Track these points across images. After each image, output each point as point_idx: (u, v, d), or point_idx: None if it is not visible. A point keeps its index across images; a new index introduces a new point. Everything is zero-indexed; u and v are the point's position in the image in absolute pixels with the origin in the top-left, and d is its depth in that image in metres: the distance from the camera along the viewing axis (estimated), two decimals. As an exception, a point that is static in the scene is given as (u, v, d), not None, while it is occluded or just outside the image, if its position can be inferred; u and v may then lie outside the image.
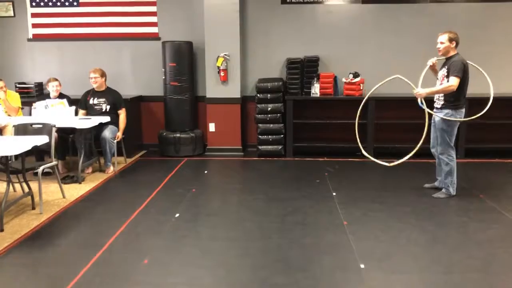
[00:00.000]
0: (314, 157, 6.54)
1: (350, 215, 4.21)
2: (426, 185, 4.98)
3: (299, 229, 3.91)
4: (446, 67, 4.54)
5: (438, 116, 4.59)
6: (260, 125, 6.59)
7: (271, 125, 6.57)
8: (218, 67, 6.59)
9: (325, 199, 4.70)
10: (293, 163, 6.34)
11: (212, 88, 6.72)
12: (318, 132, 6.90)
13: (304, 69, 6.58)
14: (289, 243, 3.62)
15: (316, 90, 6.53)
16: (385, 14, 6.72)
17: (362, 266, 3.21)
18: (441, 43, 4.57)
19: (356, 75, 6.38)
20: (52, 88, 5.91)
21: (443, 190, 4.72)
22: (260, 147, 6.63)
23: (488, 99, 4.64)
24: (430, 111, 4.59)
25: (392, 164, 4.66)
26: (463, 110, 4.60)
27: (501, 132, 6.74)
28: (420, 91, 4.48)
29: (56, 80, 5.99)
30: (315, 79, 6.53)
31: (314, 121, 6.65)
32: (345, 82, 6.43)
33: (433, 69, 4.76)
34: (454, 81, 4.39)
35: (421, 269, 3.21)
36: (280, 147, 6.60)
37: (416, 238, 3.73)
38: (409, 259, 3.36)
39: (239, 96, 6.74)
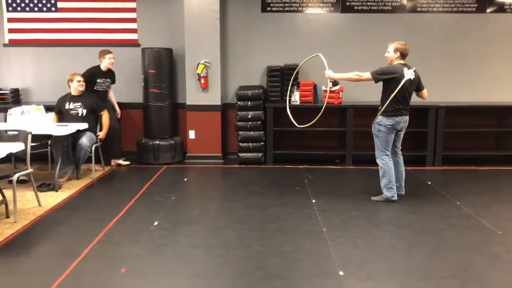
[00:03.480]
0: (294, 164, 6.56)
1: (329, 222, 4.22)
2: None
3: (279, 236, 3.91)
4: None
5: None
6: (241, 132, 6.58)
7: (252, 132, 6.57)
8: (199, 74, 6.57)
9: (305, 206, 4.72)
10: (274, 171, 6.35)
11: (192, 95, 6.70)
12: (298, 140, 6.93)
13: (285, 77, 6.60)
14: (269, 250, 3.61)
15: (296, 97, 6.56)
16: (363, 23, 6.83)
17: (341, 273, 3.22)
18: (387, 51, 4.75)
19: (335, 83, 6.43)
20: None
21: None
22: (240, 154, 6.63)
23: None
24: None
25: (301, 126, 5.10)
26: (397, 119, 4.69)
27: (477, 140, 6.89)
28: (329, 73, 4.80)
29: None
30: (295, 87, 6.57)
31: (294, 129, 6.64)
32: (324, 90, 6.48)
33: None
34: (363, 73, 4.68)
35: (399, 276, 3.24)
36: (260, 154, 6.60)
37: (394, 245, 3.77)
38: (387, 266, 3.38)
39: (219, 104, 6.73)
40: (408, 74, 4.63)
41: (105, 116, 5.98)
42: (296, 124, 5.12)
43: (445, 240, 3.86)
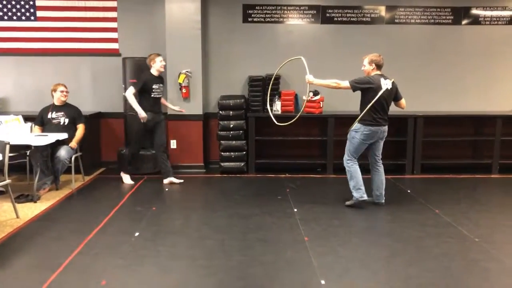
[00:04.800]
0: (276, 173, 6.58)
1: (311, 231, 4.25)
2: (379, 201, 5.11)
3: (261, 246, 3.92)
4: None
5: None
6: (222, 142, 6.59)
7: (233, 142, 6.58)
8: (180, 83, 6.57)
9: (287, 215, 4.74)
10: (255, 180, 6.36)
11: (174, 105, 6.67)
12: (279, 149, 6.97)
13: (266, 86, 6.64)
14: (251, 260, 3.61)
15: (277, 107, 6.61)
16: (343, 34, 6.94)
17: (322, 282, 3.24)
18: (363, 65, 4.87)
19: (316, 93, 6.51)
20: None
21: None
22: (222, 164, 6.62)
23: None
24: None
25: (282, 124, 5.17)
26: (374, 128, 4.78)
27: (455, 149, 7.02)
28: (309, 78, 4.84)
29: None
30: (277, 96, 6.62)
31: (275, 138, 6.71)
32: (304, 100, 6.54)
33: None
34: (342, 81, 4.78)
35: (379, 284, 3.27)
36: (242, 164, 6.61)
37: (375, 253, 3.80)
38: (368, 274, 3.41)
39: (201, 113, 6.73)
40: (385, 84, 4.71)
41: (80, 128, 5.87)
42: (276, 122, 5.20)
43: (425, 248, 3.92)
